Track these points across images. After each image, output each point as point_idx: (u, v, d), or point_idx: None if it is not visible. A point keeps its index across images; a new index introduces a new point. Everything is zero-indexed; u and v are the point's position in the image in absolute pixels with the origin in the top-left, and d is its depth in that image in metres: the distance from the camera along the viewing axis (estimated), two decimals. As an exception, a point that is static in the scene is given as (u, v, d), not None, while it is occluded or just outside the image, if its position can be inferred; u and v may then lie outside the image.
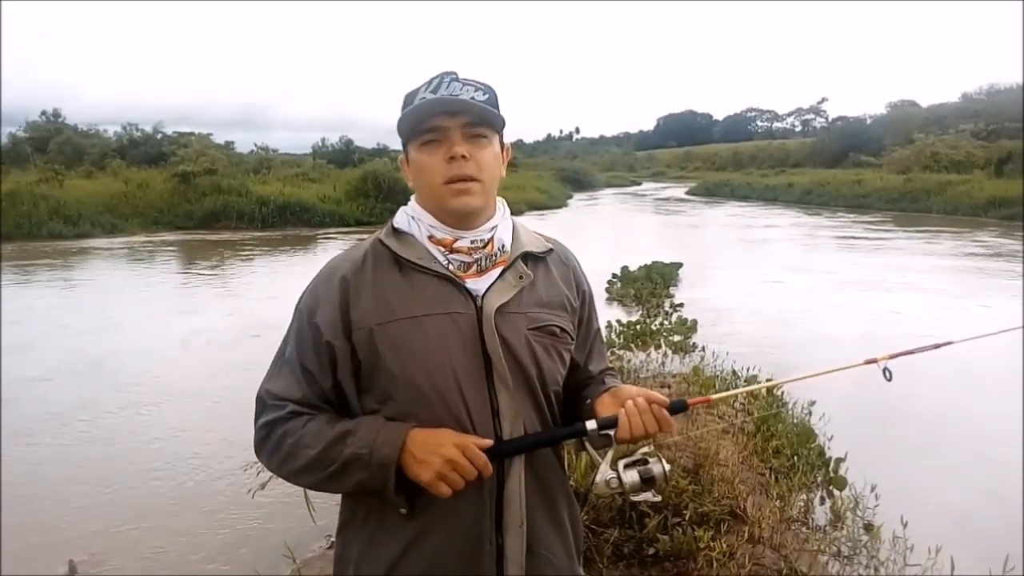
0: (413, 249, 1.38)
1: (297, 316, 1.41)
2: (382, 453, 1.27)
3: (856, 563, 3.62)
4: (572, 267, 1.54)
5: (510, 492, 1.34)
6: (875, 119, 60.66)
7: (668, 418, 1.38)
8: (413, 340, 1.32)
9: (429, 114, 1.34)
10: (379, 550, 1.36)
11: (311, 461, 1.31)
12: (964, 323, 9.50)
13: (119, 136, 45.12)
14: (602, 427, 1.37)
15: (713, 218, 30.32)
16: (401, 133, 1.41)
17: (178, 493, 4.85)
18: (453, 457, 1.25)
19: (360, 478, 1.29)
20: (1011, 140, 35.96)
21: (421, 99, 1.35)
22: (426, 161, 1.37)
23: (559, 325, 1.43)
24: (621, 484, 1.36)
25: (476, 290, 1.37)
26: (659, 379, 6.59)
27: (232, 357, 8.03)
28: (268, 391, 1.39)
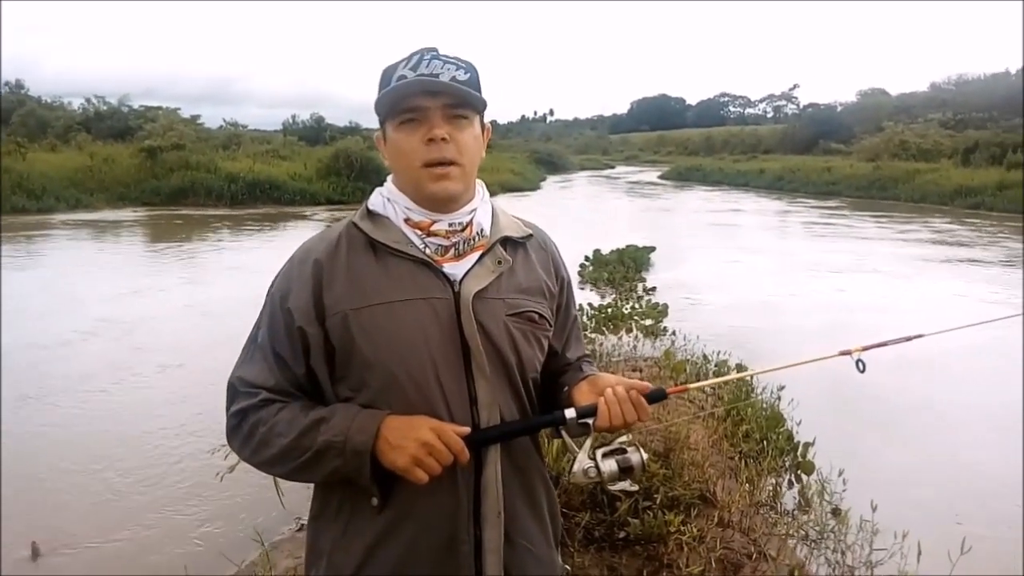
0: (388, 232, 1.34)
1: (269, 301, 1.36)
2: (356, 440, 1.23)
3: (824, 547, 3.66)
4: (551, 253, 1.51)
5: (487, 481, 1.32)
6: (845, 106, 61.35)
7: (646, 407, 1.37)
8: (388, 326, 1.28)
9: (409, 94, 1.29)
10: (352, 541, 1.32)
11: (284, 450, 1.27)
12: (933, 312, 9.66)
13: (84, 109, 44.14)
14: (581, 416, 1.35)
15: (684, 202, 30.47)
16: (379, 111, 1.36)
17: (144, 476, 4.77)
18: (428, 440, 1.22)
19: (334, 466, 1.25)
20: (978, 130, 36.56)
21: (400, 77, 1.30)
22: (404, 142, 1.32)
23: (537, 311, 1.40)
24: (599, 473, 1.34)
25: (454, 275, 1.33)
26: (631, 363, 6.61)
27: (197, 339, 7.92)
28: (240, 378, 1.34)
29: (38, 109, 42.65)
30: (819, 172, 36.99)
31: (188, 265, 13.17)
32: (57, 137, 34.34)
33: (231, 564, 3.57)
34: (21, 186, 21.50)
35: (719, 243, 16.96)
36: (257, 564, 3.48)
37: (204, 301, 9.84)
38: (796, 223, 22.06)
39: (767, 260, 14.25)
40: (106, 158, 26.41)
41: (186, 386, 6.37)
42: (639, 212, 26.27)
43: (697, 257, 14.51)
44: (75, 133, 35.68)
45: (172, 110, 36.96)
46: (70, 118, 41.54)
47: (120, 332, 8.21)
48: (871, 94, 63.63)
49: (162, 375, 6.77)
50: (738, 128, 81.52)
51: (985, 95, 46.65)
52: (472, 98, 1.32)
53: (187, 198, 24.24)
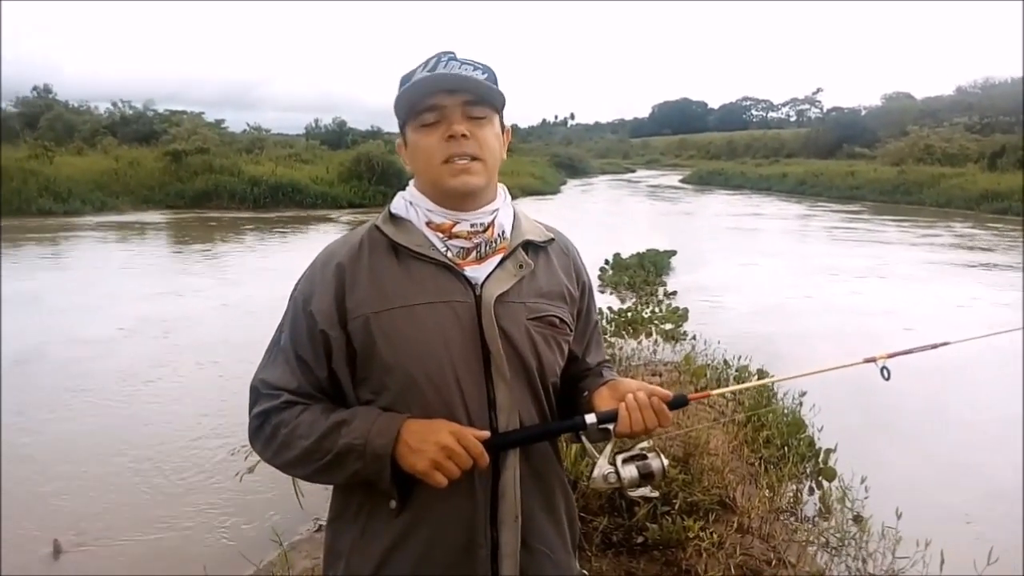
0: (410, 236, 1.34)
1: (292, 304, 1.37)
2: (377, 444, 1.24)
3: (844, 554, 3.62)
4: (572, 257, 1.51)
5: (505, 485, 1.31)
6: (870, 111, 60.83)
7: (667, 413, 1.36)
8: (409, 329, 1.28)
9: (427, 92, 1.30)
10: (371, 543, 1.33)
11: (305, 452, 1.28)
12: (957, 319, 9.54)
13: (110, 113, 44.78)
14: (601, 421, 1.34)
15: (706, 206, 30.32)
16: (398, 114, 1.36)
17: (165, 475, 4.81)
18: (448, 444, 1.22)
19: (355, 469, 1.26)
20: (1005, 134, 36.07)
21: (417, 79, 1.30)
22: (424, 141, 1.32)
23: (559, 316, 1.40)
24: (619, 479, 1.33)
25: (475, 278, 1.33)
26: (650, 367, 6.58)
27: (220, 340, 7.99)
28: (263, 380, 1.35)
29: (65, 113, 43.24)
30: (842, 176, 36.69)
31: (213, 267, 13.28)
32: (84, 141, 34.81)
33: (249, 564, 3.60)
34: (48, 189, 21.82)
35: (740, 247, 16.86)
36: (275, 564, 3.50)
37: (229, 303, 9.92)
38: (818, 228, 21.87)
39: (788, 265, 14.14)
40: (131, 161, 26.75)
41: (206, 388, 6.43)
42: (660, 216, 26.18)
43: (718, 261, 14.42)
44: (101, 137, 36.19)
45: (196, 114, 37.39)
46: (96, 122, 42.12)
47: (146, 334, 8.30)
48: (896, 98, 63.01)
49: (183, 377, 6.83)
50: (761, 132, 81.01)
51: (1012, 99, 45.97)
52: (491, 94, 1.32)
53: (211, 201, 24.47)
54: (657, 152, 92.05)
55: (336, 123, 50.98)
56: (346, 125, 50.51)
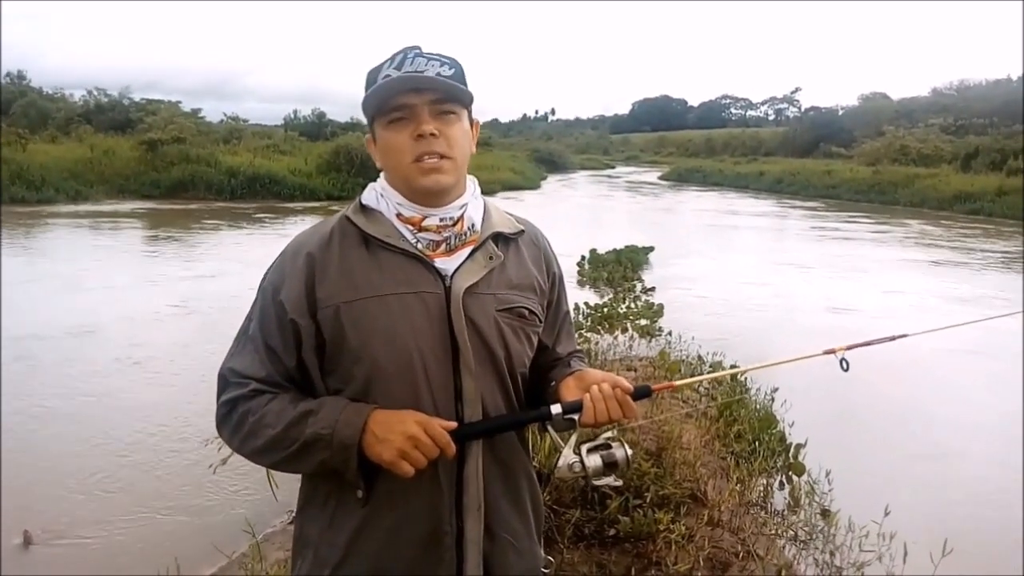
0: (381, 226, 1.35)
1: (261, 293, 1.38)
2: (344, 434, 1.25)
3: (812, 547, 3.68)
4: (543, 248, 1.52)
5: (469, 474, 1.33)
6: (847, 110, 61.35)
7: (632, 404, 1.38)
8: (379, 319, 1.29)
9: (394, 92, 1.31)
10: (337, 532, 1.34)
11: (272, 440, 1.29)
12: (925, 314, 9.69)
13: (85, 101, 43.97)
14: (567, 411, 1.36)
15: (683, 204, 30.47)
16: (366, 111, 1.37)
17: (136, 467, 4.79)
18: (414, 434, 1.23)
19: (321, 458, 1.27)
20: (978, 136, 36.53)
21: (385, 76, 1.31)
22: (393, 139, 1.33)
23: (528, 307, 1.42)
24: (584, 468, 1.36)
25: (445, 269, 1.34)
26: (626, 362, 6.62)
27: (192, 332, 7.94)
28: (231, 369, 1.36)
29: (39, 100, 42.48)
30: (819, 175, 36.99)
31: (187, 258, 13.17)
32: (58, 128, 34.25)
33: (222, 555, 3.59)
34: (21, 177, 21.47)
35: (716, 244, 16.98)
36: (248, 556, 3.50)
37: (202, 295, 9.84)
38: (794, 226, 22.08)
39: (764, 262, 14.27)
40: (106, 150, 26.36)
41: (177, 379, 6.40)
42: (638, 212, 26.26)
43: (694, 258, 14.52)
44: (76, 125, 35.57)
45: (173, 103, 36.98)
46: (71, 110, 41.39)
47: (116, 325, 8.23)
48: (872, 98, 63.59)
49: (154, 369, 6.78)
50: (739, 130, 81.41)
51: (986, 101, 46.67)
52: (458, 92, 1.33)
53: (187, 191, 24.23)
54: (637, 149, 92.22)
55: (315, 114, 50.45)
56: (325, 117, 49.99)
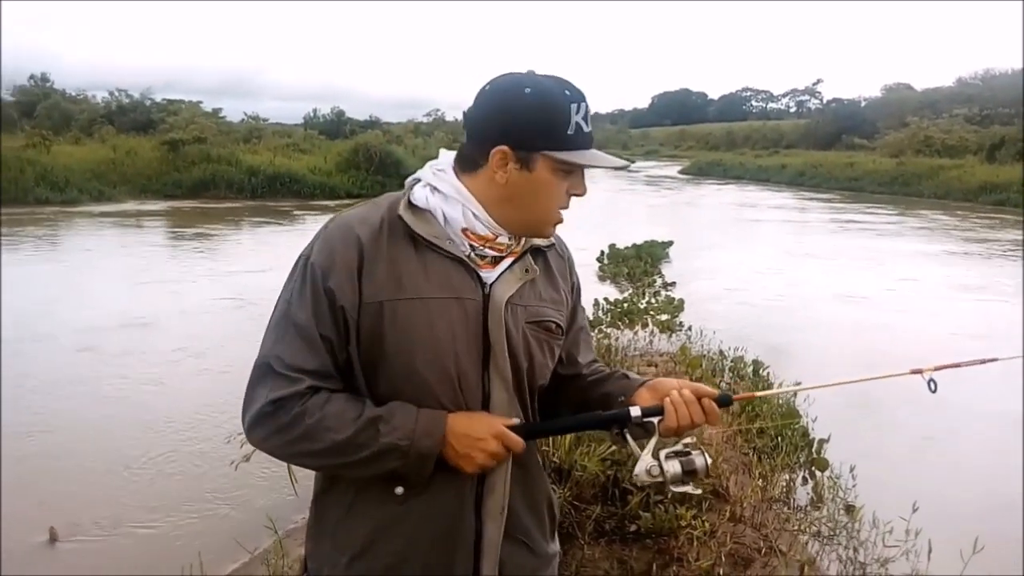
0: (430, 227, 1.32)
1: (309, 274, 1.29)
2: (423, 445, 1.25)
3: (836, 543, 3.64)
4: (567, 259, 1.53)
5: (495, 479, 1.33)
6: (869, 102, 60.71)
7: (717, 411, 1.37)
8: (419, 321, 1.27)
9: (595, 162, 1.32)
10: (358, 521, 1.33)
11: (336, 445, 1.24)
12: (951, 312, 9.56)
13: (107, 102, 44.44)
14: (646, 414, 1.35)
15: (704, 197, 30.31)
16: (539, 137, 1.28)
17: (159, 464, 4.84)
18: (495, 452, 1.28)
19: (394, 467, 1.26)
20: (1004, 126, 36.02)
21: (576, 126, 1.28)
22: (557, 186, 1.32)
23: (555, 320, 1.42)
24: (662, 473, 1.32)
25: (487, 277, 1.34)
26: (646, 358, 6.60)
27: (217, 330, 8.00)
28: (279, 358, 1.26)
29: (62, 102, 43.03)
30: (841, 168, 36.67)
31: (209, 257, 13.29)
32: (81, 130, 34.65)
33: (244, 551, 3.62)
34: (45, 178, 21.72)
35: (737, 238, 16.88)
36: (270, 551, 3.52)
37: (225, 293, 9.92)
38: (815, 219, 21.88)
39: (785, 255, 14.17)
40: (129, 151, 26.62)
41: (200, 376, 6.45)
42: (658, 207, 26.16)
43: (715, 252, 14.44)
44: (99, 126, 35.94)
45: (194, 103, 37.25)
46: (94, 111, 41.85)
47: (141, 323, 8.31)
48: (896, 89, 62.90)
49: (178, 366, 6.84)
50: (760, 123, 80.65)
51: (1012, 90, 45.89)
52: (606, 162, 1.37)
53: (208, 191, 24.44)
54: (656, 143, 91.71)
55: (335, 113, 50.73)
56: (344, 115, 50.24)
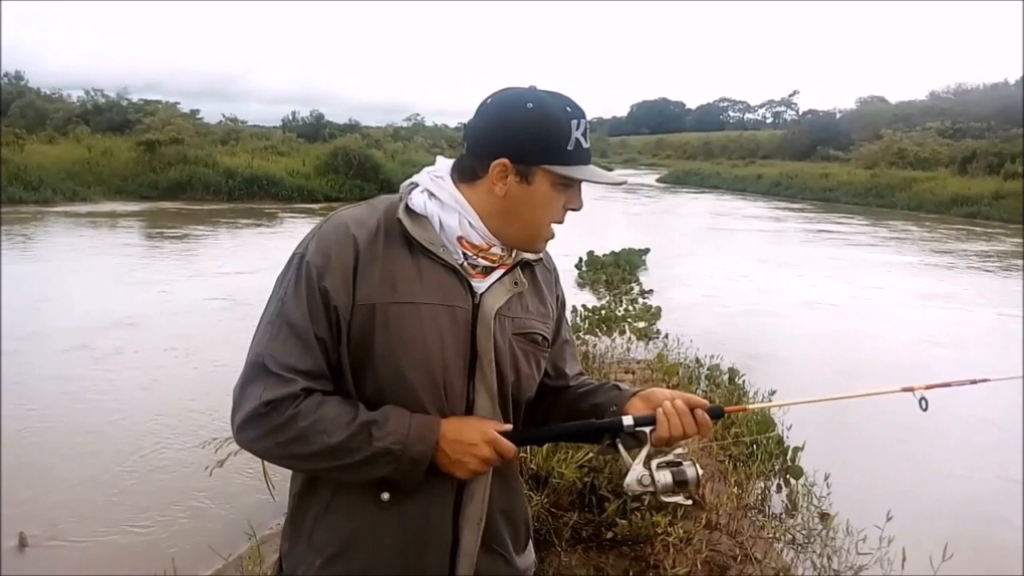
0: (427, 233, 1.33)
1: (304, 273, 1.27)
2: (416, 450, 1.25)
3: (810, 551, 3.68)
4: (554, 272, 1.55)
5: (475, 488, 1.33)
6: (844, 114, 61.44)
7: (708, 422, 1.38)
8: (409, 326, 1.28)
9: (593, 177, 1.35)
10: (333, 521, 1.33)
11: (328, 449, 1.23)
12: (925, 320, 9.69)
13: (83, 101, 43.95)
14: (639, 424, 1.35)
15: (681, 206, 30.52)
16: (540, 153, 1.31)
17: (132, 469, 4.78)
18: (487, 457, 1.28)
19: (385, 472, 1.25)
20: (976, 139, 36.63)
21: (576, 142, 1.33)
22: (556, 200, 1.36)
23: (542, 333, 1.43)
24: (653, 483, 1.33)
25: (477, 288, 1.35)
26: (623, 365, 6.63)
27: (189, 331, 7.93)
28: (272, 357, 1.24)
29: (37, 101, 42.51)
30: (816, 178, 37.07)
31: (185, 259, 13.16)
32: (55, 129, 34.24)
33: (219, 557, 3.58)
34: (18, 177, 21.45)
35: (714, 247, 17.00)
36: (245, 557, 3.49)
37: (199, 295, 9.82)
38: (791, 229, 22.10)
39: (760, 264, 14.30)
40: (104, 151, 26.37)
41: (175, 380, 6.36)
42: (636, 215, 26.28)
43: (691, 261, 14.54)
44: (74, 125, 35.56)
45: (171, 104, 36.91)
46: (69, 110, 41.38)
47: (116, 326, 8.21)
48: (870, 102, 63.74)
49: (153, 370, 6.75)
50: (737, 133, 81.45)
51: (984, 105, 46.77)
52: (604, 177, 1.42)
53: (185, 192, 24.25)
54: (635, 151, 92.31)
55: (314, 116, 50.52)
56: (324, 118, 50.10)
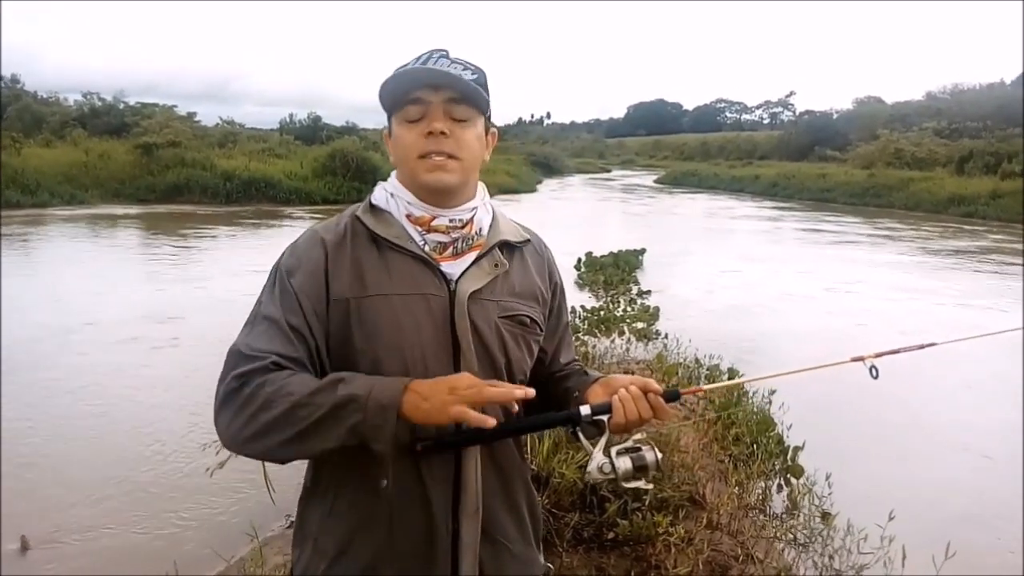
0: (390, 227, 1.36)
1: (278, 278, 1.33)
2: (383, 394, 1.18)
3: (811, 550, 3.68)
4: (547, 258, 1.54)
5: (467, 478, 1.33)
6: (841, 114, 61.52)
7: (664, 406, 1.37)
8: (384, 319, 1.29)
9: (411, 85, 1.31)
10: (336, 523, 1.33)
11: (292, 407, 1.19)
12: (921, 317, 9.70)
13: (80, 104, 43.76)
14: (595, 413, 1.35)
15: (679, 207, 30.54)
16: (384, 104, 1.37)
17: (133, 471, 4.77)
18: (465, 392, 1.19)
19: (352, 423, 1.18)
20: (972, 139, 36.68)
21: (404, 71, 1.32)
22: (406, 135, 1.34)
23: (530, 315, 1.43)
24: (614, 470, 1.33)
25: (451, 274, 1.35)
26: (623, 365, 6.62)
27: (188, 334, 7.92)
28: (248, 344, 1.27)
29: (34, 104, 42.35)
30: (814, 179, 37.10)
31: (183, 262, 13.14)
32: (52, 132, 34.09)
33: (221, 560, 3.58)
34: (16, 181, 21.38)
35: (712, 247, 17.00)
36: (247, 560, 3.49)
37: (198, 298, 9.82)
38: (789, 228, 22.12)
39: (759, 265, 14.29)
40: (101, 154, 26.29)
41: (175, 383, 6.37)
42: (634, 215, 26.31)
43: (690, 261, 14.55)
44: (70, 129, 35.41)
45: (168, 107, 36.78)
46: (66, 113, 41.19)
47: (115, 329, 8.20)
48: (867, 102, 63.77)
49: (152, 373, 6.76)
50: (734, 134, 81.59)
51: (980, 105, 46.83)
52: (475, 95, 1.33)
53: (182, 195, 24.18)
54: (632, 152, 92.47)
55: (311, 118, 50.34)
56: (321, 120, 49.91)
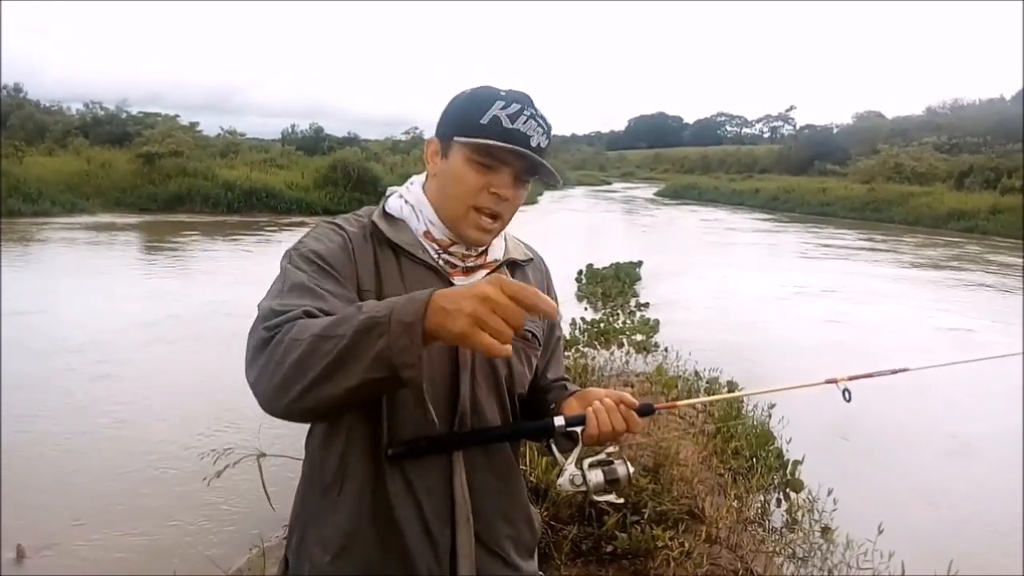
0: (405, 235, 1.36)
1: (300, 255, 1.28)
2: (404, 311, 1.04)
3: (811, 565, 3.67)
4: (546, 275, 1.56)
5: (456, 487, 1.33)
6: (841, 128, 61.81)
7: (636, 418, 1.37)
8: None
9: (502, 148, 1.28)
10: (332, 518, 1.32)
11: (316, 339, 1.08)
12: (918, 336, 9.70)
13: (82, 114, 43.92)
14: (569, 424, 1.35)
15: (679, 220, 30.59)
16: (456, 127, 1.31)
17: (130, 481, 4.76)
18: (491, 295, 1.01)
19: (377, 350, 1.04)
20: (972, 154, 36.81)
21: (494, 118, 1.28)
22: (469, 176, 1.31)
23: (532, 331, 1.45)
24: (585, 482, 1.34)
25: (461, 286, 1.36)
26: (622, 378, 6.62)
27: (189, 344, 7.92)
28: (279, 302, 1.19)
29: (36, 113, 42.47)
30: (814, 193, 37.20)
31: (184, 271, 13.16)
32: (55, 141, 34.24)
33: (218, 569, 3.57)
34: (18, 189, 21.47)
35: (712, 260, 17.01)
36: (244, 569, 3.48)
37: (199, 308, 9.82)
38: (789, 243, 22.14)
39: (759, 278, 14.29)
40: (103, 163, 26.42)
41: (174, 392, 6.36)
42: (634, 228, 26.35)
43: (690, 274, 14.55)
44: (73, 138, 35.54)
45: (170, 117, 36.89)
46: (68, 123, 41.30)
47: (114, 338, 8.20)
48: (867, 117, 64.04)
49: (151, 381, 6.75)
50: (734, 148, 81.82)
51: (980, 120, 47.04)
52: (544, 171, 1.34)
53: (184, 205, 24.30)
54: (633, 165, 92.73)
55: (313, 129, 50.54)
56: (323, 131, 50.15)
